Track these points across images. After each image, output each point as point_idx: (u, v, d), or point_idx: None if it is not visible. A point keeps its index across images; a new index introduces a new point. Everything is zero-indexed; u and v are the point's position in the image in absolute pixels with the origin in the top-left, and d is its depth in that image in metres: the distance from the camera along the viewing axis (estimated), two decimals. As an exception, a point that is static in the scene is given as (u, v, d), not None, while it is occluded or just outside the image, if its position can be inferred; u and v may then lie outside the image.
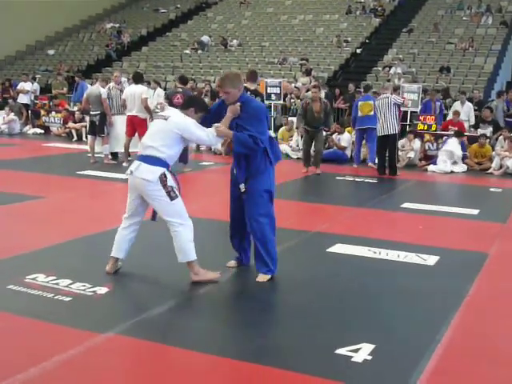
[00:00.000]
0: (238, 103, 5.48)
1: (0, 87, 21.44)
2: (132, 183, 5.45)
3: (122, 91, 12.85)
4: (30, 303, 4.88)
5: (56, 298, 4.95)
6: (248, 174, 5.54)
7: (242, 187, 5.53)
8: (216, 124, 5.47)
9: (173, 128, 5.32)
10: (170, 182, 5.34)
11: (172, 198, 5.33)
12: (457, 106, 16.08)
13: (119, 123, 12.78)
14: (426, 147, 14.50)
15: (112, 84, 13.01)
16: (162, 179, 5.29)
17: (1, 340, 4.26)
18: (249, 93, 10.50)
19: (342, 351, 4.11)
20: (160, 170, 5.30)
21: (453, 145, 13.50)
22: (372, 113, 13.17)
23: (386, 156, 12.68)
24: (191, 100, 5.84)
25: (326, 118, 12.51)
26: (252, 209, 5.56)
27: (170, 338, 4.33)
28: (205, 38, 26.97)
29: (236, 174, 5.64)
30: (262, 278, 5.61)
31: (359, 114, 13.36)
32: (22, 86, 20.73)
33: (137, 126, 12.33)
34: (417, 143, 14.28)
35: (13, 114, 19.06)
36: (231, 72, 5.83)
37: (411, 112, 16.02)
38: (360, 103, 13.43)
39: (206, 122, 5.57)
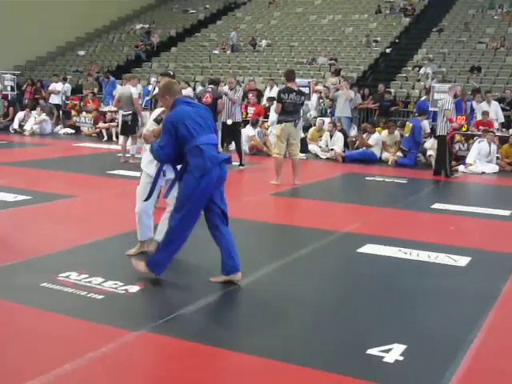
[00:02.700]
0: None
1: (31, 88, 21.64)
2: None
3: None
4: (63, 301, 4.93)
5: (88, 295, 5.00)
6: None
7: None
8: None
9: None
10: None
11: None
12: (484, 106, 15.94)
13: None
14: (457, 147, 14.37)
15: (226, 88, 13.10)
16: None
17: (35, 337, 4.31)
18: (294, 93, 10.55)
19: (373, 351, 4.10)
20: None
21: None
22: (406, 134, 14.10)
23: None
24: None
25: None
26: None
27: (200, 337, 4.34)
28: (233, 36, 26.98)
29: None
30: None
31: None
32: (53, 86, 20.94)
33: None
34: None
35: (44, 114, 19.25)
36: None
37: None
38: None
39: None
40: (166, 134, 5.30)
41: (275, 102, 11.34)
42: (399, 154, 14.14)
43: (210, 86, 12.62)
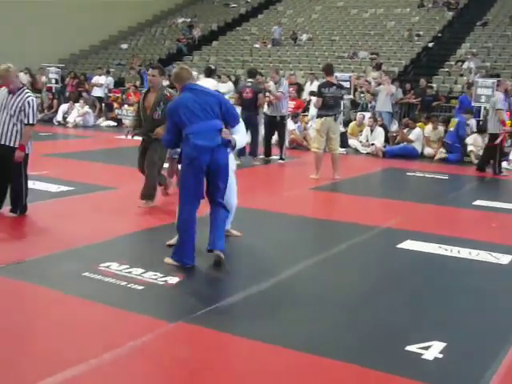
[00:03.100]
0: None
1: (73, 81, 21.84)
2: None
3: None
4: (104, 291, 5.00)
5: (129, 286, 5.05)
6: None
7: None
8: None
9: None
10: None
11: None
12: None
13: None
14: (500, 144, 14.13)
15: (271, 83, 12.97)
16: None
17: (75, 325, 4.37)
18: (334, 87, 10.56)
19: (412, 348, 4.06)
20: None
21: None
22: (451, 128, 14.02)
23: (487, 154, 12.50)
24: None
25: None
26: None
27: (238, 329, 4.37)
28: (275, 30, 26.94)
29: None
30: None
31: None
32: (96, 79, 21.19)
33: None
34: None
35: (87, 106, 19.49)
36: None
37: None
38: None
39: None
40: (168, 122, 5.74)
41: (312, 96, 11.28)
42: (442, 149, 13.97)
43: (250, 79, 12.61)
